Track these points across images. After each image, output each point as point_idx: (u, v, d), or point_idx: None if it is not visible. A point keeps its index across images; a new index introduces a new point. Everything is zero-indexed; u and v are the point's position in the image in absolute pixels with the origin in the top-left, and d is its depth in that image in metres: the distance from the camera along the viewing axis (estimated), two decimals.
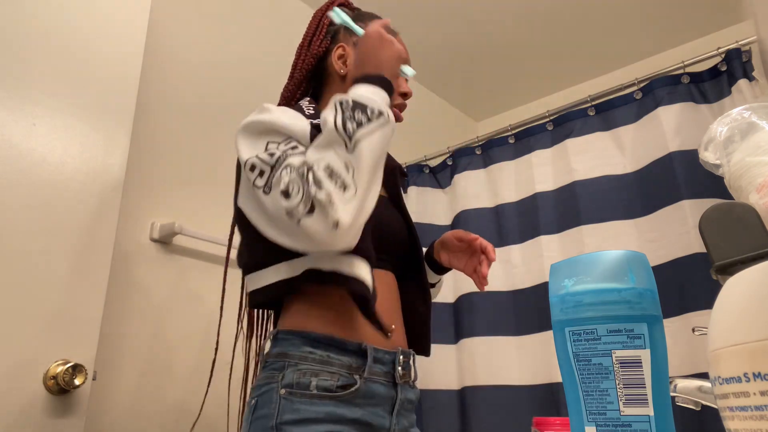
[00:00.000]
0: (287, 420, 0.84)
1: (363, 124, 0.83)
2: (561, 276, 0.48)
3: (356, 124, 0.83)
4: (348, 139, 0.82)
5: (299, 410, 0.84)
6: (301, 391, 0.86)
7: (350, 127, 0.82)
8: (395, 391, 0.95)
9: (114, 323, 1.35)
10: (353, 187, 0.80)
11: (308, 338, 0.90)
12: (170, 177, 1.57)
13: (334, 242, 0.80)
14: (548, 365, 1.68)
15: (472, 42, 2.44)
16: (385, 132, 0.85)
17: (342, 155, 0.82)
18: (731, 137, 0.63)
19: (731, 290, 0.34)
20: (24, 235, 1.05)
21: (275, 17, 2.03)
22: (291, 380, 0.86)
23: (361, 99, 0.86)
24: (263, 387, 0.89)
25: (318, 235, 0.79)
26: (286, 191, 0.80)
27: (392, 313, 1.00)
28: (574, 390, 0.46)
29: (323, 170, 0.80)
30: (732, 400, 0.32)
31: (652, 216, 1.62)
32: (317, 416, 0.84)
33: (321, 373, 0.87)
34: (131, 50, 1.29)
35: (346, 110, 0.85)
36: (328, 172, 0.80)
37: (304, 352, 0.89)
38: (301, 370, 0.87)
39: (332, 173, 0.80)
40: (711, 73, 1.62)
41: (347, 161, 0.81)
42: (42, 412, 1.01)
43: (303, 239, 0.81)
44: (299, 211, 0.79)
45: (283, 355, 0.90)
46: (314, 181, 0.79)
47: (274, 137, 0.88)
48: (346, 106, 0.85)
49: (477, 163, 2.06)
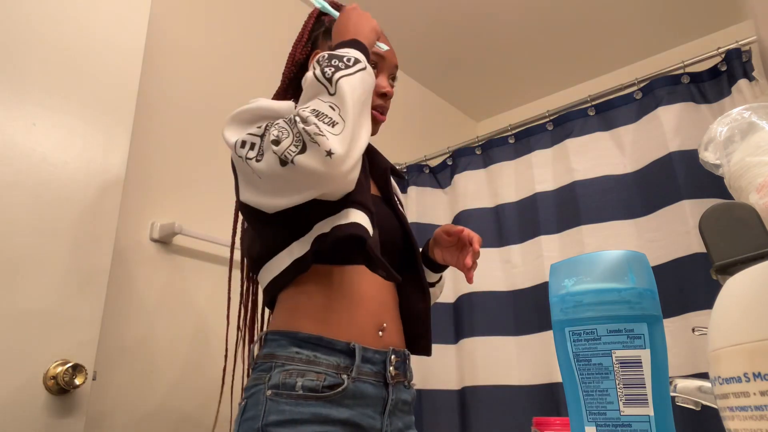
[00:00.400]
0: (273, 421, 0.83)
1: (341, 68, 0.84)
2: (561, 276, 0.48)
3: (334, 69, 0.84)
4: (328, 82, 0.83)
5: (284, 411, 0.84)
6: (286, 392, 0.85)
7: (328, 72, 0.84)
8: (386, 392, 0.94)
9: (114, 323, 1.35)
10: (341, 123, 0.81)
11: (296, 338, 0.90)
12: (170, 177, 1.57)
13: (332, 172, 0.79)
14: (548, 365, 1.68)
15: (472, 42, 2.44)
16: (364, 76, 0.86)
17: (326, 99, 0.82)
18: (731, 137, 0.63)
19: (731, 290, 0.34)
20: (24, 235, 1.05)
21: (275, 17, 2.03)
22: (277, 381, 0.86)
23: (337, 52, 0.88)
24: (252, 389, 0.89)
25: (315, 170, 0.78)
26: (276, 140, 0.80)
27: (387, 312, 0.99)
28: (574, 390, 0.46)
29: (309, 112, 0.81)
30: (732, 400, 0.32)
31: (652, 216, 1.62)
32: (303, 417, 0.84)
33: (307, 374, 0.87)
34: (131, 50, 1.29)
35: (322, 62, 0.86)
36: (315, 114, 0.81)
37: (291, 353, 0.89)
38: (287, 370, 0.87)
39: (318, 114, 0.81)
40: (711, 73, 1.62)
41: (332, 103, 0.82)
42: (42, 412, 1.01)
43: (302, 181, 0.81)
44: (291, 152, 0.78)
45: (271, 356, 0.90)
46: (301, 120, 0.80)
47: (261, 121, 0.88)
48: (322, 58, 0.86)
49: (477, 163, 2.06)
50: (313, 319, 0.92)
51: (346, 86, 0.82)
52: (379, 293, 0.99)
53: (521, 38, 2.42)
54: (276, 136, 0.80)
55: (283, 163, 0.79)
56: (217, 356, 1.52)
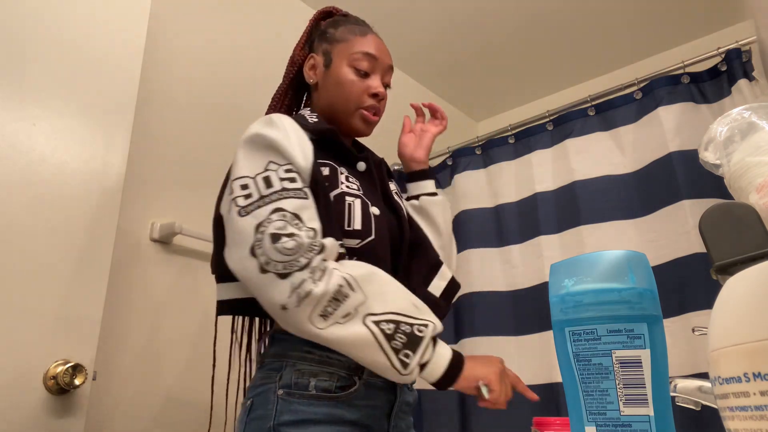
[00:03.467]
0: (285, 421, 0.83)
1: (399, 348, 0.83)
2: (561, 276, 0.48)
3: (392, 338, 0.82)
4: (368, 316, 0.81)
5: (298, 411, 0.83)
6: (299, 392, 0.84)
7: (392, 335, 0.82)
8: (394, 394, 0.94)
9: (114, 323, 1.35)
10: (332, 322, 0.80)
11: None
12: (170, 177, 1.57)
13: (282, 315, 0.80)
14: (548, 365, 1.68)
15: (472, 42, 2.44)
16: (389, 366, 0.83)
17: (353, 306, 0.81)
18: (731, 137, 0.63)
19: (731, 290, 0.34)
20: (24, 235, 1.05)
21: (276, 17, 2.03)
22: (289, 380, 0.85)
23: (428, 352, 0.85)
24: (259, 388, 0.88)
25: (272, 296, 0.79)
26: (282, 237, 0.80)
27: None
28: (574, 390, 0.46)
29: (336, 287, 0.80)
30: (732, 400, 0.32)
31: (652, 216, 1.62)
32: (316, 417, 0.83)
33: (320, 374, 0.86)
34: (131, 50, 1.29)
35: (401, 327, 0.83)
36: (335, 291, 0.80)
37: (303, 352, 0.87)
38: (299, 370, 0.86)
39: (337, 292, 0.80)
40: (711, 73, 1.62)
41: (353, 311, 0.81)
42: (42, 412, 1.01)
43: (251, 283, 0.81)
44: (276, 272, 0.78)
45: (281, 355, 0.89)
46: (334, 290, 0.80)
47: (276, 158, 0.88)
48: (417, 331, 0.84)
49: (477, 163, 2.06)
50: None
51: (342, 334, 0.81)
52: None
53: (521, 38, 2.42)
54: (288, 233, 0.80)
55: (261, 265, 0.79)
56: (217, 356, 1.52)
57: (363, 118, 1.05)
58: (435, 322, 0.86)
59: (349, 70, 1.04)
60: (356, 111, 1.04)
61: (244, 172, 0.87)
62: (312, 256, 0.80)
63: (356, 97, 1.04)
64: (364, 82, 1.04)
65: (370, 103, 1.05)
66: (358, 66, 1.04)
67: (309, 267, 0.79)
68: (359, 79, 1.04)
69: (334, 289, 0.79)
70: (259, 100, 1.00)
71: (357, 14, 1.19)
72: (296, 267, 0.78)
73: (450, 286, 1.08)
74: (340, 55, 1.06)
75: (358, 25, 1.10)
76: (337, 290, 0.80)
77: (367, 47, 1.06)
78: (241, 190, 0.85)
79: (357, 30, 1.09)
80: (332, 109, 1.06)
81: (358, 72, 1.04)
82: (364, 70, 1.05)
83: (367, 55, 1.05)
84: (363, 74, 1.05)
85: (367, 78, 1.05)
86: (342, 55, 1.06)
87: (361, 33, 1.08)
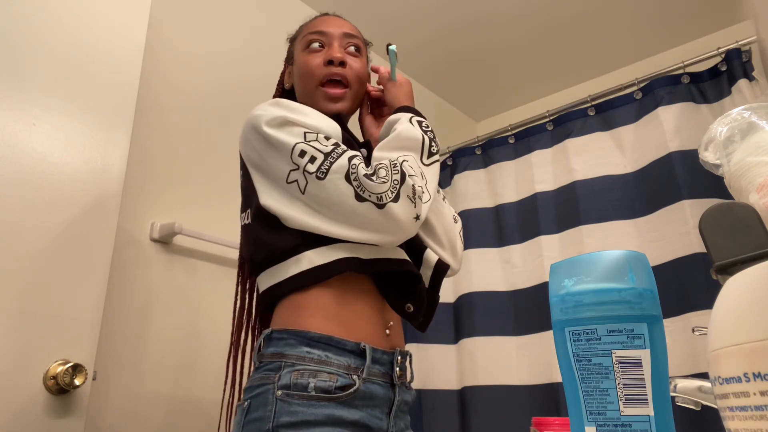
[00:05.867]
0: (284, 423, 0.81)
1: (434, 152, 0.96)
2: (561, 276, 0.48)
3: (436, 145, 0.96)
4: (430, 153, 0.94)
5: (297, 412, 0.82)
6: (298, 393, 0.83)
7: (434, 147, 0.95)
8: (393, 393, 0.93)
9: (114, 323, 1.35)
10: (428, 198, 0.89)
11: (305, 337, 0.88)
12: (170, 177, 1.57)
13: (408, 231, 0.88)
14: (548, 365, 1.68)
15: (472, 42, 2.44)
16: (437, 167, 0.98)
17: (420, 164, 0.92)
18: (731, 137, 0.63)
19: (731, 290, 0.34)
20: (24, 234, 1.05)
21: (276, 17, 2.03)
22: (288, 381, 0.84)
23: (434, 139, 0.98)
24: (257, 388, 0.86)
25: (401, 222, 0.85)
26: (372, 175, 0.85)
27: (386, 308, 0.98)
28: (574, 390, 0.46)
29: (410, 167, 0.88)
30: (732, 400, 0.32)
31: (652, 216, 1.62)
32: (316, 418, 0.82)
33: (319, 374, 0.85)
34: (131, 50, 1.29)
35: (428, 127, 0.98)
36: (415, 172, 0.88)
37: (302, 352, 0.86)
38: (298, 370, 0.85)
39: (417, 174, 0.88)
40: (711, 73, 1.62)
41: (423, 171, 0.91)
42: (42, 412, 1.01)
43: (376, 225, 0.85)
44: (387, 197, 0.84)
45: (279, 355, 0.87)
46: (407, 173, 0.86)
47: (305, 129, 0.91)
48: (427, 124, 0.99)
49: (477, 163, 2.06)
50: (321, 317, 0.90)
51: (435, 172, 0.95)
52: (382, 289, 0.98)
53: (521, 38, 2.42)
54: (373, 170, 0.87)
55: (377, 199, 0.84)
56: (217, 356, 1.52)
57: (324, 95, 1.04)
58: None
59: (305, 54, 1.06)
60: (317, 90, 1.04)
61: (293, 140, 0.88)
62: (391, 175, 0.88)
63: (314, 74, 1.04)
64: (319, 56, 1.05)
65: (325, 72, 1.03)
66: (312, 47, 1.06)
67: (392, 181, 0.87)
68: (314, 56, 1.05)
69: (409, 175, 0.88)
70: (259, 100, 1.00)
71: (356, 14, 1.19)
72: (393, 186, 0.86)
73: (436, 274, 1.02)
74: (297, 48, 1.09)
75: (310, 19, 1.13)
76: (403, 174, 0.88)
77: (315, 27, 1.08)
78: (300, 158, 0.87)
79: (309, 20, 1.12)
80: (305, 99, 1.05)
81: (313, 51, 1.05)
82: (317, 47, 1.05)
83: (316, 32, 1.06)
84: (318, 52, 1.05)
85: (322, 53, 1.06)
86: (299, 47, 1.09)
87: (312, 19, 1.11)
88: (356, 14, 1.18)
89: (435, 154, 0.96)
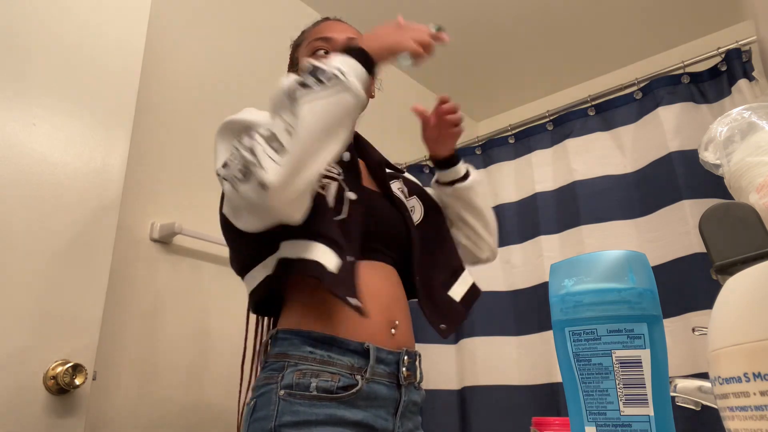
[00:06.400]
0: (286, 422, 0.82)
1: (313, 88, 0.80)
2: (561, 276, 0.48)
3: (305, 88, 0.80)
4: (291, 101, 0.80)
5: (298, 412, 0.83)
6: (300, 393, 0.84)
7: (299, 92, 0.80)
8: (399, 393, 0.93)
9: (114, 323, 1.35)
10: (287, 152, 0.77)
11: (309, 338, 0.89)
12: (170, 177, 1.57)
13: (267, 204, 0.77)
14: (548, 365, 1.68)
15: (472, 42, 2.44)
16: (339, 99, 0.81)
17: (286, 119, 0.79)
18: (731, 137, 0.63)
19: (731, 290, 0.34)
20: (24, 234, 1.05)
21: (276, 17, 2.03)
22: (290, 381, 0.85)
23: (323, 63, 0.83)
24: (262, 388, 0.88)
25: (252, 200, 0.77)
26: (225, 164, 0.82)
27: (398, 308, 0.98)
28: (574, 390, 0.46)
29: (261, 135, 0.79)
30: (732, 400, 0.32)
31: (652, 216, 1.62)
32: (317, 418, 0.83)
33: (321, 374, 0.86)
34: (131, 50, 1.29)
35: (302, 73, 0.83)
36: (266, 138, 0.78)
37: (305, 352, 0.87)
38: (301, 370, 0.86)
39: (270, 138, 0.78)
40: (711, 73, 1.62)
41: (288, 126, 0.78)
42: (42, 412, 1.01)
43: (247, 209, 0.81)
44: (236, 179, 0.79)
45: (283, 355, 0.88)
46: (248, 146, 0.79)
47: (243, 134, 0.88)
48: (304, 69, 0.84)
49: (477, 163, 2.06)
50: (325, 317, 0.90)
51: (308, 113, 0.78)
52: (390, 288, 0.98)
53: (521, 38, 2.42)
54: (228, 159, 0.82)
55: (232, 186, 0.80)
56: (217, 356, 1.52)
57: None
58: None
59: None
60: None
61: (222, 155, 0.89)
62: None
63: None
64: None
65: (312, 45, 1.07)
66: (317, 54, 1.06)
67: None
68: None
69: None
70: (259, 100, 1.00)
71: (356, 15, 1.19)
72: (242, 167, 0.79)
73: (470, 292, 1.12)
74: (302, 54, 1.10)
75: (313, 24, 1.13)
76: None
77: (320, 33, 1.09)
78: (223, 168, 0.87)
79: (311, 26, 1.12)
80: None
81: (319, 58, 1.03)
82: (322, 54, 1.05)
83: (321, 39, 1.07)
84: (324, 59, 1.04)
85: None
86: (303, 54, 1.09)
87: (314, 25, 1.12)
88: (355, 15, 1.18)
89: (313, 85, 0.80)
